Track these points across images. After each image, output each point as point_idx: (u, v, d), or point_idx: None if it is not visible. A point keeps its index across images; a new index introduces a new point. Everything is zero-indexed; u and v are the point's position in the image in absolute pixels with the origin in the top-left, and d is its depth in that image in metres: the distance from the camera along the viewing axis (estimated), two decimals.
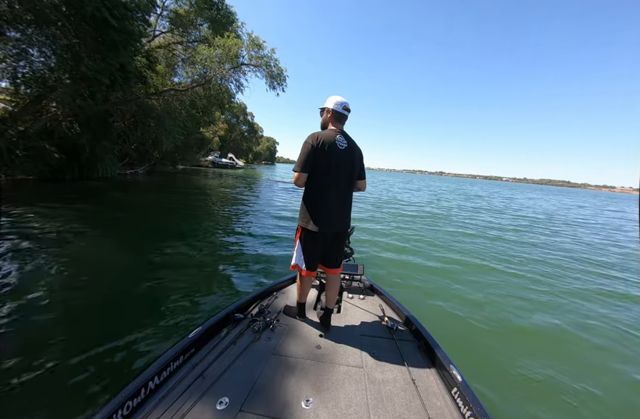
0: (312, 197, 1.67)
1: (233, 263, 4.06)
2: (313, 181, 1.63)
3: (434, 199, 17.96)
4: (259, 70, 12.13)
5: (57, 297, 2.67)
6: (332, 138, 1.60)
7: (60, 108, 9.78)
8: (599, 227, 11.67)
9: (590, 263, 5.66)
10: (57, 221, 5.08)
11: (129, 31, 6.03)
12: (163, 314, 2.56)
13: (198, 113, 14.97)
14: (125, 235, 4.92)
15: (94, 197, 8.36)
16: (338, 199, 1.68)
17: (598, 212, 19.64)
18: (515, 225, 10.00)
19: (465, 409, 1.21)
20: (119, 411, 1.03)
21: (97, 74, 6.07)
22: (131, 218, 6.16)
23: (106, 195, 9.11)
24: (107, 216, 5.94)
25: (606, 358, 2.56)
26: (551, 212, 16.24)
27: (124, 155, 15.39)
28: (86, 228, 4.94)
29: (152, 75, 11.74)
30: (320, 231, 1.64)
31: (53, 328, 2.25)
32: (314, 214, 1.65)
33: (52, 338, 2.11)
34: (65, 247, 3.96)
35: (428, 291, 3.63)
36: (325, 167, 1.59)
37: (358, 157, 1.74)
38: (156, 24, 14.20)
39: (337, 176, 1.63)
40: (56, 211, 5.78)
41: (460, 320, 2.98)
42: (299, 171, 1.59)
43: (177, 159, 21.16)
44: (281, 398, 1.25)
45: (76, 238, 4.37)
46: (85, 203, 6.84)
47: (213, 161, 33.62)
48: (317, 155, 1.57)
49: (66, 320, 2.39)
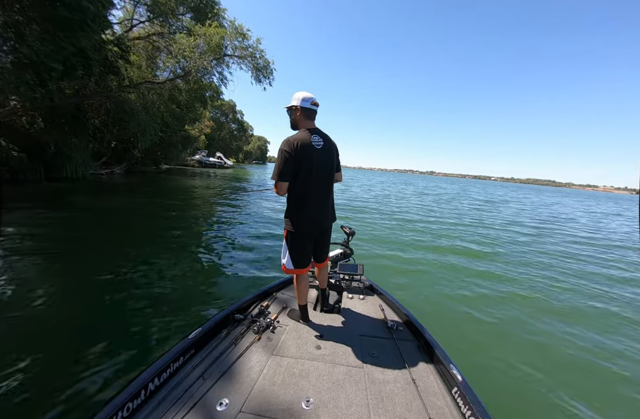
0: (295, 199, 1.66)
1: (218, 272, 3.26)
2: (295, 185, 1.61)
3: (471, 210, 13.58)
4: (244, 62, 11.23)
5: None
6: (308, 140, 1.58)
7: (19, 100, 8.70)
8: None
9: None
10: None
11: (83, 7, 5.13)
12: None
13: (180, 108, 13.94)
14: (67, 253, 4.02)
15: (41, 202, 7.30)
16: (322, 198, 1.70)
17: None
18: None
19: (465, 408, 1.20)
20: (119, 412, 1.02)
21: (44, 57, 5.15)
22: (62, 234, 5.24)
23: (58, 199, 8.03)
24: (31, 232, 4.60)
25: (611, 361, 2.53)
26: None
27: (99, 154, 14.29)
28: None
29: (125, 66, 10.69)
30: (306, 232, 1.68)
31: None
32: (299, 217, 1.66)
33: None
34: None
35: (429, 291, 3.66)
36: (306, 170, 1.58)
37: (336, 153, 1.76)
38: (133, 13, 13.16)
39: (318, 176, 1.63)
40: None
41: (460, 319, 3.00)
42: (280, 181, 1.57)
43: (160, 159, 19.98)
44: (281, 399, 1.24)
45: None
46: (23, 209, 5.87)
47: (200, 160, 32.51)
48: (296, 161, 1.54)
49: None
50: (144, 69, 12.93)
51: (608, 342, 2.84)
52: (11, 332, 2.22)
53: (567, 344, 2.74)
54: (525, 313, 3.27)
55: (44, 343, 2.14)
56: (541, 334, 2.87)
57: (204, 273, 3.76)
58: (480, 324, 2.94)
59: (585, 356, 2.58)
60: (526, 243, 7.22)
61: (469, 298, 3.55)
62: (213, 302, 2.93)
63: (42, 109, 9.62)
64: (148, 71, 13.34)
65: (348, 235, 2.70)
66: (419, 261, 4.89)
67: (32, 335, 2.22)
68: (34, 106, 8.97)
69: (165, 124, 13.87)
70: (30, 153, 10.05)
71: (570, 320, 3.22)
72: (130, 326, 2.40)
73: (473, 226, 9.04)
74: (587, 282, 4.58)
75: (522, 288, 4.04)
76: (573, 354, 2.60)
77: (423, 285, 3.87)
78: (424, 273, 4.39)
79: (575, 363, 2.47)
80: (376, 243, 5.88)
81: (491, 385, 2.04)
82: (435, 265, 4.75)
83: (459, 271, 4.56)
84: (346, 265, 2.50)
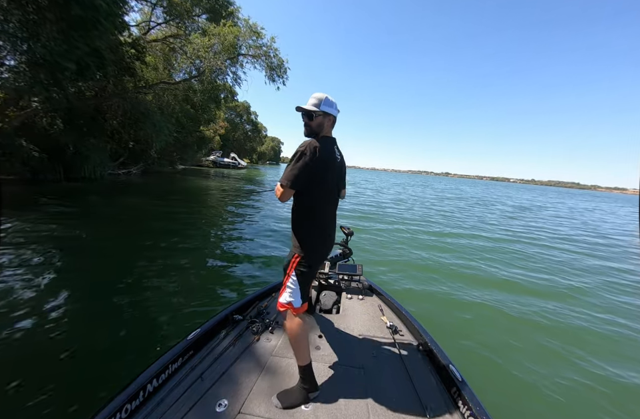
0: (311, 217, 1.42)
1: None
2: (311, 200, 1.40)
3: (505, 218, 11.83)
4: (258, 62, 11.09)
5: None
6: (332, 151, 1.39)
7: (40, 101, 8.89)
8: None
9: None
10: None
11: (95, 5, 5.07)
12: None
13: (194, 109, 14.00)
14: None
15: (57, 200, 7.35)
16: (333, 216, 1.54)
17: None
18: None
19: (464, 408, 1.19)
20: (117, 414, 1.01)
21: (58, 57, 5.11)
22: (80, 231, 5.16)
23: (78, 197, 8.12)
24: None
25: (613, 362, 2.46)
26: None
27: (117, 154, 14.54)
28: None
29: (141, 67, 10.78)
30: (321, 260, 1.47)
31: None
32: (315, 238, 1.43)
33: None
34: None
35: (429, 291, 3.59)
36: (323, 183, 1.37)
37: (345, 169, 1.64)
38: (151, 15, 13.35)
39: (331, 192, 1.47)
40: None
41: (460, 320, 2.94)
42: (289, 187, 1.29)
43: (176, 159, 20.25)
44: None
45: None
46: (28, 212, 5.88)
47: (215, 161, 32.89)
48: (315, 169, 1.29)
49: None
50: (160, 71, 13.08)
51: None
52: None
53: (569, 345, 2.67)
54: (532, 314, 3.20)
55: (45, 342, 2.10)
56: (542, 335, 2.79)
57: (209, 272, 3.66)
58: (480, 325, 2.88)
59: (587, 357, 2.50)
60: (617, 272, 5.21)
61: (475, 300, 3.39)
62: (213, 303, 2.89)
63: (61, 110, 9.81)
64: (165, 73, 13.50)
65: (347, 236, 2.66)
66: (475, 304, 3.39)
67: (31, 335, 2.16)
68: (54, 107, 9.15)
69: (180, 124, 13.96)
70: (50, 154, 10.28)
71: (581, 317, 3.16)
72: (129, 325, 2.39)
73: (519, 241, 7.10)
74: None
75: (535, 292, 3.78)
76: (580, 354, 2.53)
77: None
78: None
79: (578, 364, 2.42)
80: (402, 267, 4.44)
81: (490, 385, 2.01)
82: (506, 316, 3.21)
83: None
84: (346, 265, 2.49)
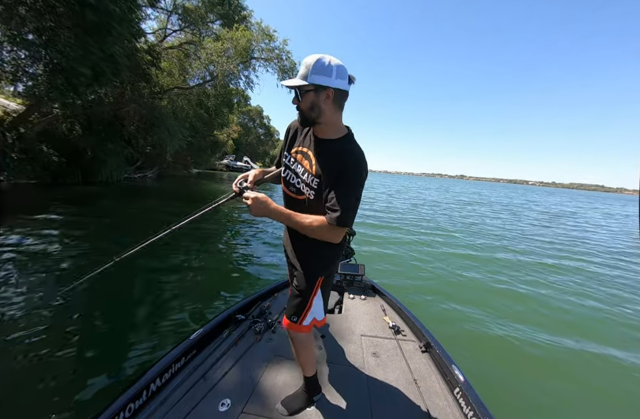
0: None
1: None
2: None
3: (540, 228, 10.34)
4: (270, 65, 11.09)
5: None
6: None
7: (60, 108, 9.16)
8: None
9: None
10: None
11: (109, 11, 5.12)
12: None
13: (208, 113, 14.16)
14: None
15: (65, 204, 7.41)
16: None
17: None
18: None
19: (467, 409, 1.18)
20: (121, 413, 1.01)
21: (73, 62, 5.19)
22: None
23: (87, 202, 8.17)
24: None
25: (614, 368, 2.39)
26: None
27: (133, 158, 14.87)
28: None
29: (156, 73, 10.98)
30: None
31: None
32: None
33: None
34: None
35: (430, 291, 3.57)
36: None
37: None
38: (167, 22, 13.66)
39: None
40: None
41: (461, 320, 2.94)
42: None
43: (190, 163, 20.57)
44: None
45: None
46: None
47: (228, 164, 33.30)
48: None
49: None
50: (176, 77, 13.32)
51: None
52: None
53: (569, 346, 2.65)
54: (532, 314, 3.23)
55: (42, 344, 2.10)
56: (544, 336, 2.75)
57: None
58: (482, 326, 2.88)
59: (590, 359, 2.47)
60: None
61: (476, 300, 3.40)
62: (215, 302, 2.94)
63: (80, 116, 10.09)
64: (179, 78, 13.75)
65: (348, 235, 2.54)
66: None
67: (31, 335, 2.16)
68: (74, 113, 9.41)
69: (194, 128, 14.13)
70: (68, 159, 10.59)
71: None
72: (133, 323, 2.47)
73: (572, 257, 5.97)
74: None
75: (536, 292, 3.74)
76: (581, 354, 2.53)
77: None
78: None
79: (580, 366, 2.40)
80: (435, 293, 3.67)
81: (494, 386, 2.00)
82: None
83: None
84: (348, 265, 2.48)
